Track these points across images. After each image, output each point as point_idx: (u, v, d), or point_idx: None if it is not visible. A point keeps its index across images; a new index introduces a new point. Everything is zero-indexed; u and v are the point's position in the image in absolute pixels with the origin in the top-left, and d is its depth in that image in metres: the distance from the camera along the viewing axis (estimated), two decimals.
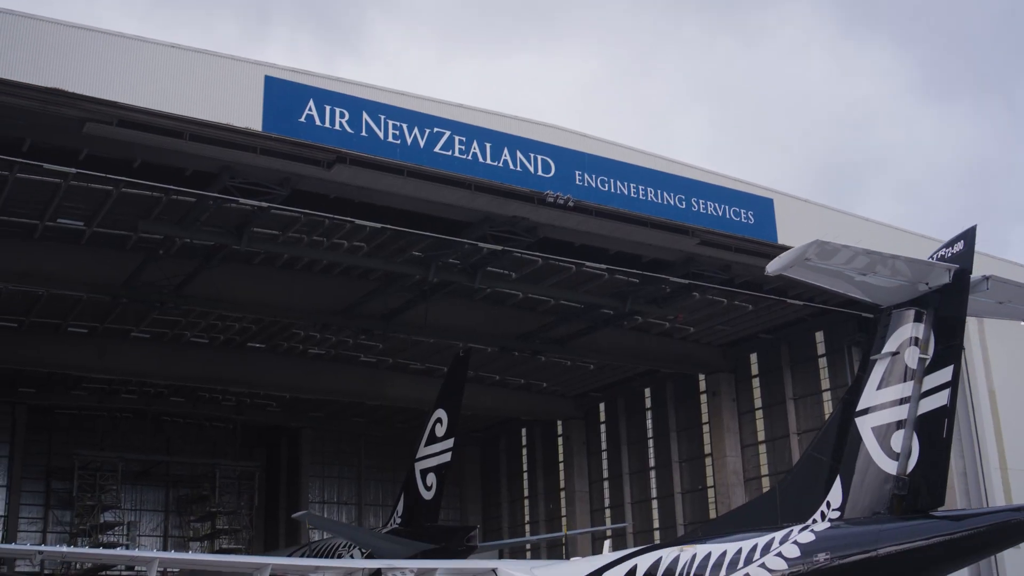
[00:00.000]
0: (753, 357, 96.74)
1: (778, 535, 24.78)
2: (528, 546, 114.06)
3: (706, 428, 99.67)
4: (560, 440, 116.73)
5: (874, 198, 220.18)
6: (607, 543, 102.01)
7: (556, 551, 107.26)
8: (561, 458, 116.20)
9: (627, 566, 28.50)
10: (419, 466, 61.77)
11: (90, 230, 68.63)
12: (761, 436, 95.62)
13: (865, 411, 23.84)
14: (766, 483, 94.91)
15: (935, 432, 22.82)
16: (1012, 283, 24.55)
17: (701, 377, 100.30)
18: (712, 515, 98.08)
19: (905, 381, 23.20)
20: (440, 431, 61.26)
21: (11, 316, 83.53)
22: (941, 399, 22.85)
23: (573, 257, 72.63)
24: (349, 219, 64.99)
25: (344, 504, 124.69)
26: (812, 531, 24.16)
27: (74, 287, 75.31)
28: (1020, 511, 22.75)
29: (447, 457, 60.89)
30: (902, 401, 23.17)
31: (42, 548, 67.55)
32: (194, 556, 78.53)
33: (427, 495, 61.09)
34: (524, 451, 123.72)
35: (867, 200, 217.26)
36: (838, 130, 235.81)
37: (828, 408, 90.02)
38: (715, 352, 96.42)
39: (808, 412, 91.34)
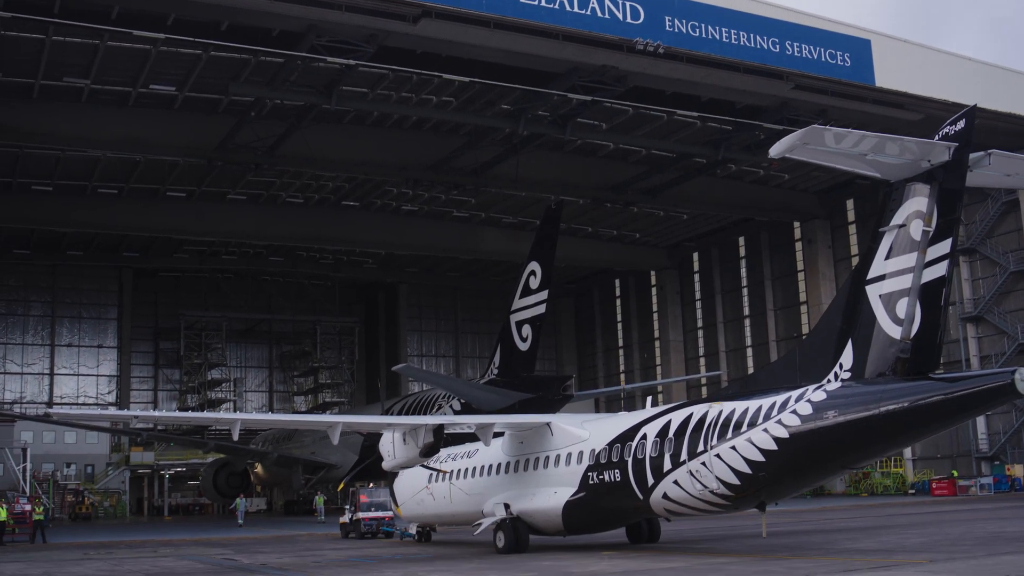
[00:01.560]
0: (849, 203, 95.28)
1: (795, 394, 26.63)
2: (623, 394, 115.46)
3: (801, 276, 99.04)
4: (654, 290, 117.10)
5: (962, 34, 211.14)
6: (704, 390, 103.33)
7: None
8: (655, 308, 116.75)
9: (663, 420, 30.51)
10: (514, 318, 62.34)
11: (182, 95, 69.38)
12: None
13: (874, 280, 25.59)
14: None
15: (935, 300, 24.52)
16: (1014, 157, 25.87)
17: (796, 225, 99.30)
18: None
19: (910, 252, 24.78)
20: (534, 283, 61.58)
21: (112, 183, 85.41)
22: (941, 269, 24.45)
23: (664, 106, 71.64)
24: (437, 74, 64.67)
25: (442, 356, 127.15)
26: (824, 390, 26.00)
27: (170, 152, 76.57)
28: (1004, 374, 23.94)
29: (542, 309, 61.30)
30: (907, 271, 24.78)
31: (137, 413, 72.46)
32: (273, 416, 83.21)
33: (523, 346, 61.82)
34: (618, 302, 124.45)
35: (956, 36, 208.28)
36: None
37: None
38: (811, 199, 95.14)
39: None
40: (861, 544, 32.25)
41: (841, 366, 26.09)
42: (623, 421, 32.88)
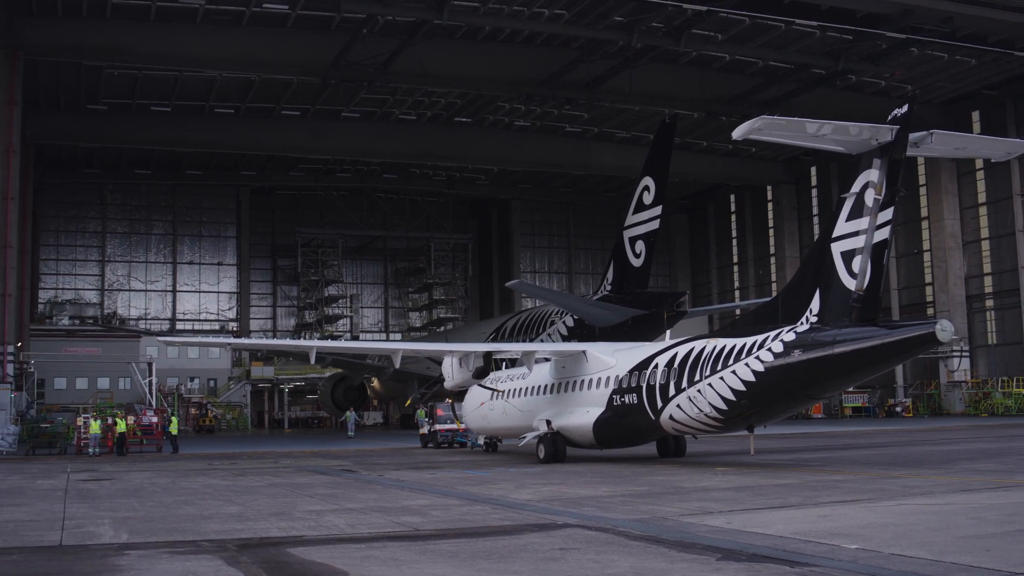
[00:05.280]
0: (975, 115, 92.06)
1: (772, 334, 30.76)
2: (737, 311, 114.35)
3: (923, 190, 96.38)
4: (770, 205, 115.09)
5: None
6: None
7: None
8: (771, 224, 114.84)
9: (672, 352, 34.79)
10: (628, 234, 61.79)
11: (295, 13, 69.68)
12: (982, 198, 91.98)
13: (836, 238, 29.35)
14: (985, 247, 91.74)
15: (880, 259, 28.62)
16: (955, 135, 31.16)
17: None
18: (927, 279, 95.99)
19: (864, 216, 28.59)
20: (648, 199, 60.87)
21: (228, 103, 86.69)
22: (885, 233, 28.52)
23: (782, 15, 69.75)
24: None
25: (555, 273, 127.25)
26: (795, 332, 30.07)
27: (284, 70, 77.27)
28: (928, 324, 28.07)
29: (655, 224, 60.63)
30: (861, 232, 28.60)
31: (230, 341, 77.37)
32: (343, 344, 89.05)
33: (636, 262, 61.35)
34: (733, 217, 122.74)
35: None
36: None
37: None
38: (934, 111, 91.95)
39: None
40: (979, 464, 31.67)
41: (811, 311, 29.96)
42: (642, 352, 37.32)
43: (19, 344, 71.75)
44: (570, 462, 37.60)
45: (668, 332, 42.65)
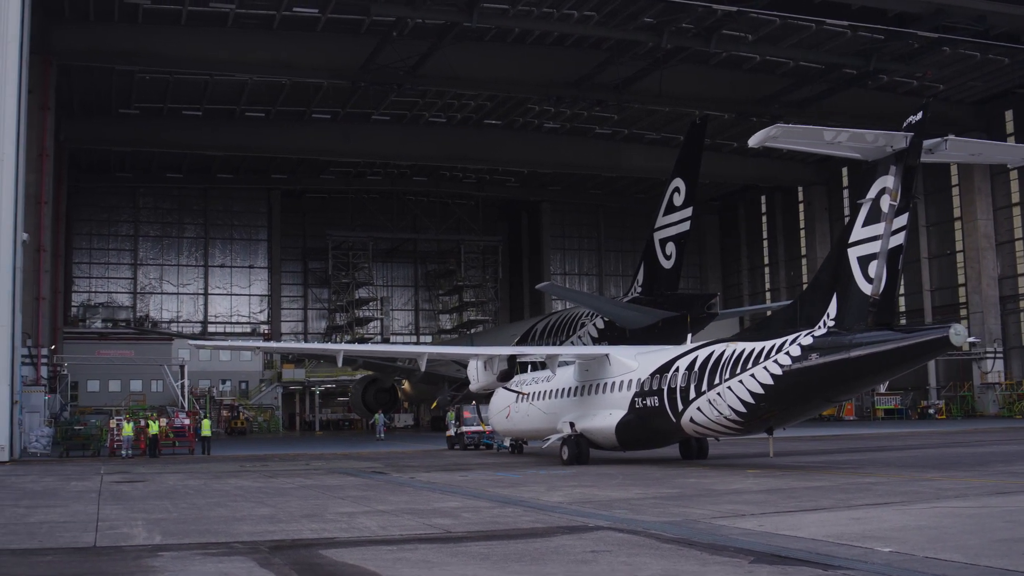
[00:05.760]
0: (1008, 114, 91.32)
1: (790, 338, 31.15)
2: (768, 313, 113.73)
3: (956, 191, 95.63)
4: (801, 207, 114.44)
5: None
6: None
7: None
8: (802, 225, 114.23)
9: (692, 356, 35.23)
10: (658, 236, 61.67)
11: (324, 17, 69.98)
12: (1015, 198, 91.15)
13: (853, 244, 29.74)
14: (1019, 247, 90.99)
15: (896, 264, 29.08)
16: (970, 141, 31.51)
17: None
18: (960, 280, 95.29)
19: (880, 222, 28.98)
20: (678, 200, 60.71)
21: (259, 106, 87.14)
22: (900, 239, 28.92)
23: (813, 15, 69.42)
24: None
25: (585, 275, 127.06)
26: (812, 336, 30.49)
27: (314, 74, 77.61)
28: (942, 329, 28.33)
29: (686, 226, 60.47)
30: (877, 238, 29.00)
31: (260, 344, 78.64)
32: (370, 347, 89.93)
33: (667, 264, 61.19)
34: (764, 218, 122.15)
35: None
36: None
37: None
38: (966, 110, 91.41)
39: None
40: (1014, 466, 31.43)
41: (828, 315, 30.34)
42: (664, 355, 37.67)
43: (52, 347, 72.33)
44: (596, 464, 37.64)
45: (690, 336, 42.45)
